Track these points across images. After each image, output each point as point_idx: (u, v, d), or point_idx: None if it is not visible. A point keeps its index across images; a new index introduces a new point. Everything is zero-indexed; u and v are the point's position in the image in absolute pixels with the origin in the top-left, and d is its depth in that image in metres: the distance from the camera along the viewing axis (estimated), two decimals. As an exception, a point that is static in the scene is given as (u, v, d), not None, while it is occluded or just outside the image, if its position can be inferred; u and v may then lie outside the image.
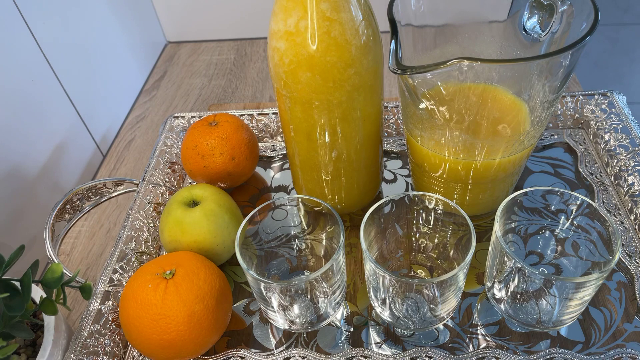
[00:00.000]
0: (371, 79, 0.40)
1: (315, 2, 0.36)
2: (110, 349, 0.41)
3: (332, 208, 0.39)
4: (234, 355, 0.42)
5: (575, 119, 0.58)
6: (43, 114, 0.57)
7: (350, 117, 0.41)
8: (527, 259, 0.44)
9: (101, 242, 0.56)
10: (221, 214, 0.44)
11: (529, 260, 0.44)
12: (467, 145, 0.40)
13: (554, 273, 0.43)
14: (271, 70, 0.40)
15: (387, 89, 0.72)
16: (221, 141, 0.50)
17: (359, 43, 0.38)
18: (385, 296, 0.38)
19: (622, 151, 0.52)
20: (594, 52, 1.13)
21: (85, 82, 0.64)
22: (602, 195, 0.50)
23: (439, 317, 0.39)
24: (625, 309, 0.42)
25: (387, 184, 0.54)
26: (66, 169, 0.61)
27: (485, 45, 0.44)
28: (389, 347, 0.41)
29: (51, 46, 0.58)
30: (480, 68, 0.33)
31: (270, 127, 0.60)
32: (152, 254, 0.49)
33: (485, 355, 0.40)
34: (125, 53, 0.75)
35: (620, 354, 0.39)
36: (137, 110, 0.75)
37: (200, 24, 0.86)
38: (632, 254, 0.45)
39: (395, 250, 0.45)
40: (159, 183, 0.54)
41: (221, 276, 0.41)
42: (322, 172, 0.46)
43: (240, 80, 0.78)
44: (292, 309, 0.39)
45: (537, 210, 0.41)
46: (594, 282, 0.34)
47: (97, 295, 0.43)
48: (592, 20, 0.34)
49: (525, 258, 0.44)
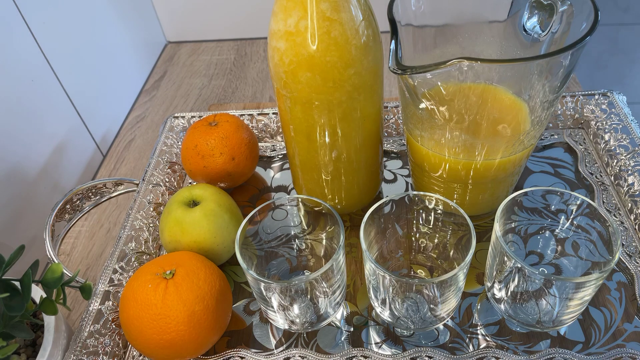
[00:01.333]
0: (371, 79, 0.40)
1: (315, 2, 0.36)
2: (110, 349, 0.41)
3: (332, 208, 0.39)
4: (234, 355, 0.42)
5: (575, 119, 0.58)
6: (43, 114, 0.57)
7: (350, 117, 0.41)
8: (527, 259, 0.44)
9: (101, 242, 0.56)
10: (221, 214, 0.44)
11: (529, 260, 0.44)
12: (467, 145, 0.40)
13: (554, 273, 0.43)
14: (271, 70, 0.40)
15: (387, 89, 0.72)
16: (221, 141, 0.50)
17: (359, 43, 0.38)
18: (385, 296, 0.38)
19: (622, 151, 0.52)
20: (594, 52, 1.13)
21: (85, 82, 0.64)
22: (602, 195, 0.50)
23: (439, 317, 0.39)
24: (625, 309, 0.42)
25: (387, 184, 0.54)
26: (66, 169, 0.61)
27: (485, 45, 0.44)
28: (389, 347, 0.41)
29: (51, 46, 0.58)
30: (480, 68, 0.33)
31: (270, 127, 0.60)
32: (152, 254, 0.49)
33: (485, 355, 0.40)
34: (125, 53, 0.75)
35: (620, 353, 0.39)
36: (137, 110, 0.75)
37: (200, 24, 0.86)
38: (632, 254, 0.45)
39: (395, 250, 0.45)
40: (159, 183, 0.54)
41: (221, 276, 0.41)
42: (322, 172, 0.46)
43: (240, 80, 0.78)
44: (292, 309, 0.39)
45: (537, 210, 0.41)
46: (594, 282, 0.34)
47: (97, 295, 0.43)
48: (592, 20, 0.34)
49: (525, 258, 0.44)
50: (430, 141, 0.42)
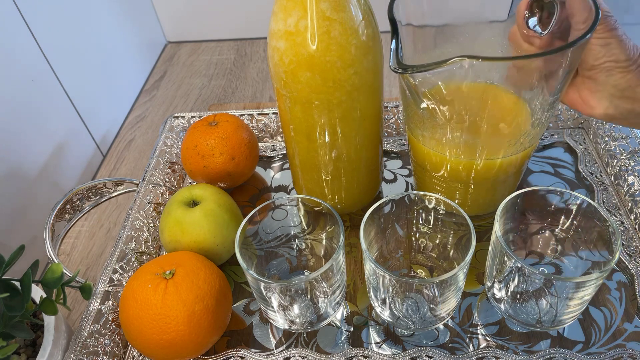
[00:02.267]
0: (371, 79, 0.40)
1: (315, 2, 0.36)
2: (110, 349, 0.41)
3: (332, 208, 0.39)
4: (234, 355, 0.42)
5: (575, 119, 0.58)
6: (43, 114, 0.57)
7: (350, 117, 0.41)
8: (527, 259, 0.44)
9: (101, 242, 0.56)
10: (221, 214, 0.44)
11: (529, 260, 0.44)
12: (468, 145, 0.40)
13: (554, 273, 0.43)
14: (271, 70, 0.40)
15: (387, 89, 0.72)
16: (221, 141, 0.50)
17: (359, 43, 0.38)
18: (385, 296, 0.38)
19: (622, 151, 0.52)
20: (594, 52, 1.13)
21: (85, 82, 0.64)
22: (602, 195, 0.50)
23: (439, 317, 0.39)
24: (625, 309, 0.42)
25: (387, 184, 0.54)
26: (66, 169, 0.61)
27: (485, 45, 0.44)
28: (389, 347, 0.41)
29: (51, 46, 0.58)
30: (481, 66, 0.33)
31: (270, 127, 0.60)
32: (152, 254, 0.49)
33: (485, 355, 0.40)
34: (125, 53, 0.75)
35: (620, 353, 0.39)
36: (137, 110, 0.75)
37: (200, 24, 0.86)
38: (632, 254, 0.45)
39: (395, 250, 0.45)
40: (159, 183, 0.54)
41: (221, 276, 0.41)
42: (322, 172, 0.46)
43: (240, 80, 0.78)
44: (292, 309, 0.39)
45: (537, 210, 0.41)
46: (594, 282, 0.34)
47: (97, 295, 0.43)
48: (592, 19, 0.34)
49: (525, 258, 0.44)
50: (431, 141, 0.42)
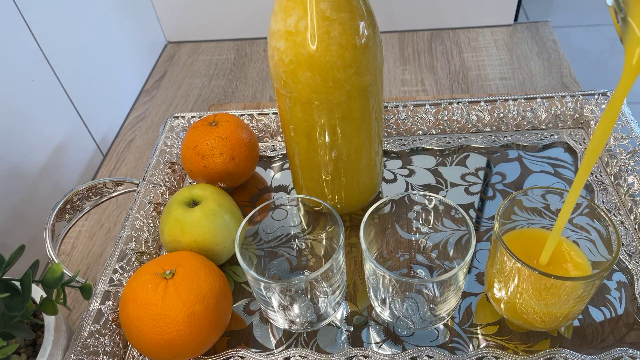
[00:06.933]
0: (371, 78, 0.40)
1: (315, 2, 0.36)
2: (110, 349, 0.41)
3: (332, 208, 0.39)
4: (234, 355, 0.42)
5: (575, 119, 0.58)
6: (43, 114, 0.57)
7: (350, 117, 0.41)
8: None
9: (101, 242, 0.56)
10: (221, 214, 0.44)
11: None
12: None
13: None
14: (271, 70, 0.40)
15: (387, 89, 0.72)
16: (221, 141, 0.50)
17: (359, 43, 0.38)
18: (385, 296, 0.38)
19: (622, 151, 0.52)
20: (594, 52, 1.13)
21: (85, 82, 0.64)
22: (602, 195, 0.50)
23: (439, 317, 0.39)
24: (625, 309, 0.42)
25: (387, 184, 0.54)
26: (66, 169, 0.61)
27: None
28: (389, 347, 0.41)
29: (51, 46, 0.58)
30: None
31: (270, 127, 0.60)
32: (152, 254, 0.49)
33: (485, 355, 0.40)
34: (125, 53, 0.75)
35: (620, 353, 0.39)
36: (137, 110, 0.75)
37: (200, 24, 0.86)
38: (632, 254, 0.45)
39: (395, 250, 0.45)
40: (159, 183, 0.54)
41: (221, 276, 0.41)
42: (322, 172, 0.46)
43: (240, 80, 0.78)
44: (292, 309, 0.39)
45: (537, 210, 0.41)
46: (594, 282, 0.34)
47: (97, 295, 0.43)
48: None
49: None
50: None
